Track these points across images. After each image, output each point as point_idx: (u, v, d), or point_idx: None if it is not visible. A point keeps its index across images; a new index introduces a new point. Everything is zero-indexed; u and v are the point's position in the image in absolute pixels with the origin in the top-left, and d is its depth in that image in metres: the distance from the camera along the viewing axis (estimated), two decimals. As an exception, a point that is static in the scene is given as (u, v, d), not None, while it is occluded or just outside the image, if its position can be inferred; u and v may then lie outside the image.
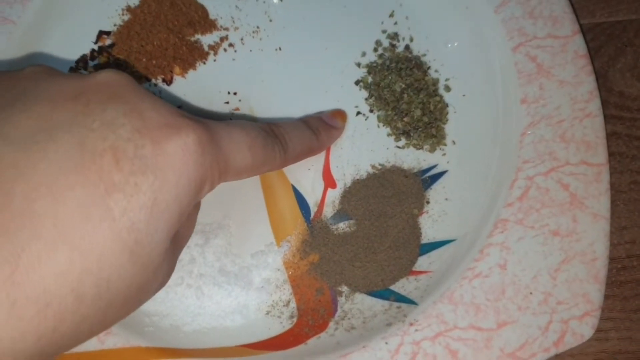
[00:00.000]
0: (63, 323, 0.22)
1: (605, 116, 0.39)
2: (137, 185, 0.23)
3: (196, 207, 0.31)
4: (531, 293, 0.34)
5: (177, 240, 0.27)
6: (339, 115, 0.39)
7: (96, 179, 0.22)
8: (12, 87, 0.24)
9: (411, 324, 0.34)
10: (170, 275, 0.27)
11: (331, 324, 0.36)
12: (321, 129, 0.37)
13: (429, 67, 0.41)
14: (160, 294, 0.35)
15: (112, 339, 0.32)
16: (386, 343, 0.33)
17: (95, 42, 0.41)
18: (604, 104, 0.41)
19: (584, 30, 0.42)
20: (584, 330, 0.34)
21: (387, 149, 0.40)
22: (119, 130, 0.23)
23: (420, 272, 0.37)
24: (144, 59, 0.40)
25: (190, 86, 0.40)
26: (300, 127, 0.35)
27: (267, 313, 0.36)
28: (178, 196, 0.24)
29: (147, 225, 0.23)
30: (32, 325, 0.21)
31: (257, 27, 0.42)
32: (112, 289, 0.23)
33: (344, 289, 0.37)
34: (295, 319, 0.36)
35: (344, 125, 0.39)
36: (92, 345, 0.32)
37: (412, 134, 0.39)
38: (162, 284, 0.27)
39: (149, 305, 0.35)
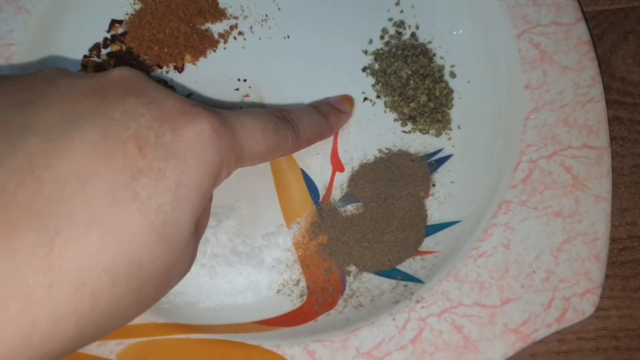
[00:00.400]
0: (100, 303, 0.23)
1: (607, 101, 0.40)
2: (161, 170, 0.24)
3: (210, 198, 0.32)
4: (534, 271, 0.35)
5: (197, 227, 0.28)
6: (347, 100, 0.40)
7: (122, 165, 0.23)
8: (30, 88, 0.25)
9: (417, 301, 0.35)
10: (193, 261, 0.28)
11: (340, 302, 0.37)
12: (331, 113, 0.38)
13: (434, 54, 0.42)
14: (175, 273, 0.36)
15: (129, 315, 0.34)
16: (393, 319, 0.34)
17: (108, 31, 0.42)
18: (607, 89, 0.42)
19: (587, 18, 0.42)
20: (585, 307, 0.35)
21: (394, 133, 0.41)
22: (140, 120, 0.24)
23: (426, 252, 0.38)
24: (156, 47, 0.41)
25: (201, 73, 0.41)
26: (310, 112, 0.36)
27: (278, 291, 0.37)
28: (200, 180, 0.25)
29: (172, 208, 0.24)
30: (70, 306, 0.22)
31: (266, 16, 0.43)
32: (143, 269, 0.24)
33: (352, 268, 0.38)
34: (305, 297, 0.37)
35: (352, 109, 0.40)
36: (110, 321, 0.33)
37: (418, 119, 0.40)
38: (187, 269, 0.28)
39: (164, 284, 0.36)
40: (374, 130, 0.41)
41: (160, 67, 0.41)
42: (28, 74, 0.26)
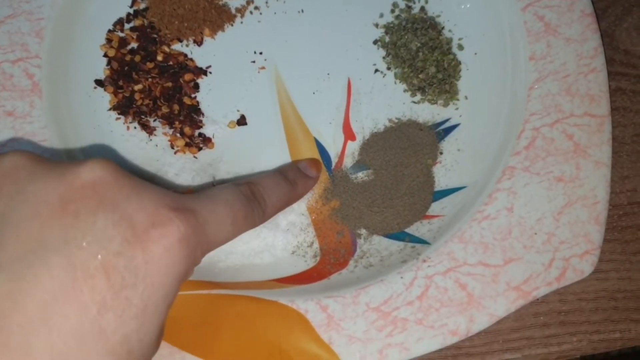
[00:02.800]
0: None
1: (610, 73, 0.42)
2: (128, 299, 0.23)
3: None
4: (535, 233, 0.37)
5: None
6: (314, 164, 0.40)
7: (89, 300, 0.22)
8: None
9: (424, 261, 0.37)
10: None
11: (351, 262, 0.39)
12: (298, 180, 0.37)
13: (442, 28, 0.44)
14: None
15: (155, 272, 0.36)
16: (401, 277, 0.36)
17: (131, 6, 0.44)
18: (610, 62, 0.43)
19: (592, -9, 0.44)
20: (584, 267, 0.37)
21: (404, 104, 0.42)
22: (110, 245, 0.23)
23: (433, 216, 0.40)
24: (176, 22, 0.43)
25: (219, 47, 0.43)
26: (279, 183, 0.35)
27: (293, 253, 0.40)
28: (166, 294, 0.25)
29: (138, 333, 0.24)
30: None
31: (281, -9, 0.44)
32: None
33: (363, 231, 0.40)
34: (318, 258, 0.39)
35: (319, 174, 0.40)
36: (137, 276, 0.36)
37: (427, 90, 0.42)
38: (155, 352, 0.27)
39: (186, 245, 0.39)
40: (384, 101, 0.42)
41: (180, 41, 0.43)
42: None
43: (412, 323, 0.35)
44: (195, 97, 0.42)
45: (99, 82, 0.42)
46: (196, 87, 0.42)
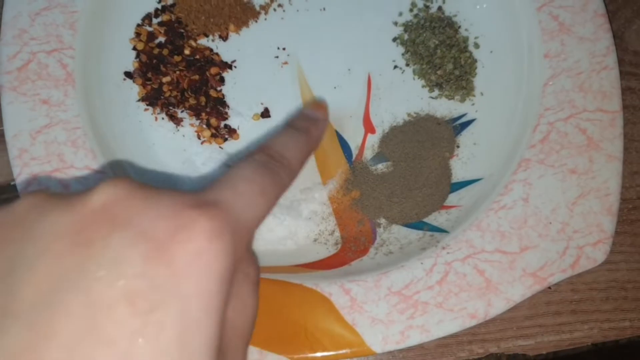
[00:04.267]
0: None
1: (620, 72, 0.43)
2: (160, 322, 0.20)
3: (247, 261, 0.27)
4: (550, 223, 0.39)
5: (229, 339, 0.25)
6: (318, 106, 0.38)
7: (116, 336, 0.20)
8: (8, 241, 0.23)
9: (443, 248, 0.38)
10: None
11: (371, 250, 0.40)
12: (311, 126, 0.35)
13: (459, 26, 0.46)
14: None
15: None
16: (421, 263, 0.38)
17: (159, 2, 0.45)
18: (620, 62, 0.45)
19: (603, -7, 0.45)
20: (597, 255, 0.38)
21: (422, 99, 0.44)
22: (128, 268, 0.21)
23: (451, 207, 0.41)
24: (203, 17, 0.44)
25: (244, 42, 0.45)
26: (292, 135, 0.33)
27: (315, 240, 0.41)
28: (211, 300, 0.21)
29: (182, 353, 0.20)
30: None
31: (304, -11, 0.46)
32: None
33: (382, 221, 0.41)
34: (339, 246, 0.41)
35: (327, 115, 0.38)
36: (167, 259, 0.37)
37: (444, 86, 0.44)
38: None
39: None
40: (403, 96, 0.44)
41: (206, 36, 0.45)
42: (5, 211, 0.23)
43: (433, 306, 0.36)
44: (220, 90, 0.44)
45: (128, 74, 0.43)
46: (222, 80, 0.44)
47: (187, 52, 0.43)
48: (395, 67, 0.45)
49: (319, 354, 0.35)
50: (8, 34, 0.40)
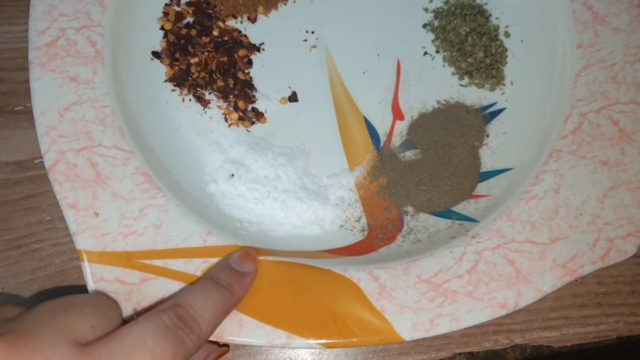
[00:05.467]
0: None
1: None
2: None
3: None
4: (581, 214, 0.38)
5: None
6: (248, 256, 0.36)
7: None
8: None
9: (473, 237, 0.38)
10: None
11: (399, 237, 0.40)
12: (233, 281, 0.34)
13: (490, 15, 0.45)
14: (249, 204, 0.40)
15: (213, 238, 0.37)
16: (451, 252, 0.38)
17: (187, -18, 0.45)
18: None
19: (636, -16, 0.45)
20: (627, 248, 0.38)
21: (451, 86, 0.44)
22: None
23: (480, 196, 0.41)
24: (232, -2, 0.44)
25: (272, 24, 0.44)
26: (210, 293, 0.32)
27: (341, 226, 0.41)
28: None
29: None
30: None
31: (333, -27, 0.45)
32: None
33: (410, 209, 0.41)
34: (366, 233, 0.40)
35: (256, 265, 0.36)
36: (196, 242, 0.37)
37: (474, 74, 0.43)
38: None
39: (240, 214, 0.40)
40: (432, 83, 0.44)
41: (235, 17, 0.44)
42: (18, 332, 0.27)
43: (462, 295, 0.36)
44: (248, 73, 0.43)
45: (155, 54, 0.43)
46: (250, 63, 0.43)
47: (215, 33, 0.43)
48: (425, 53, 0.44)
49: (348, 340, 0.35)
50: (37, 10, 0.39)
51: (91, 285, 0.35)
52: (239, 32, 0.44)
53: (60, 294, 0.37)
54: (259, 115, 0.42)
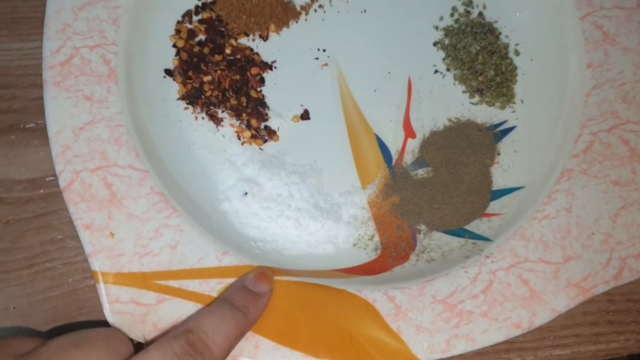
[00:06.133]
0: None
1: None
2: None
3: None
4: (593, 233, 0.39)
5: None
6: (263, 276, 0.36)
7: None
8: None
9: (487, 257, 0.38)
10: None
11: (412, 256, 0.40)
12: (248, 303, 0.33)
13: (500, 33, 0.45)
14: (263, 223, 0.40)
15: (229, 258, 0.37)
16: (466, 272, 0.38)
17: (199, -1, 0.45)
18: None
19: (645, 4, 0.45)
20: (639, 267, 0.38)
21: (462, 104, 0.44)
22: None
23: (493, 215, 0.41)
24: (244, 16, 0.44)
25: (284, 42, 0.45)
26: (224, 316, 0.32)
27: (354, 245, 0.41)
28: None
29: None
30: None
31: (344, -10, 0.46)
32: None
33: (422, 227, 0.41)
34: (379, 251, 0.40)
35: (271, 286, 0.36)
36: (212, 262, 0.37)
37: (485, 92, 0.44)
38: None
39: (254, 232, 0.40)
40: (443, 101, 0.44)
41: (247, 35, 0.44)
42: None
43: (478, 315, 0.36)
44: (261, 91, 0.43)
45: (168, 72, 0.43)
46: (262, 81, 0.43)
47: (227, 51, 0.43)
48: (436, 71, 0.45)
49: (365, 361, 0.35)
50: (52, 28, 0.39)
51: (107, 307, 0.35)
52: (251, 50, 0.44)
53: (74, 317, 0.37)
54: (271, 133, 0.42)
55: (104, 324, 0.35)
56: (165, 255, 0.36)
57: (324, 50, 0.44)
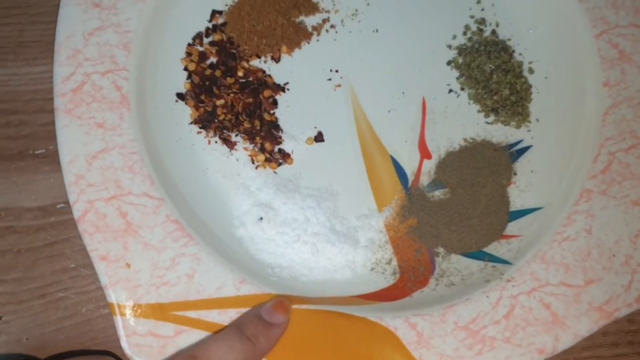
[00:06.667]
0: None
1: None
2: None
3: None
4: (614, 255, 0.38)
5: None
6: (281, 306, 0.35)
7: None
8: None
9: (508, 281, 0.38)
10: None
11: (431, 280, 0.40)
12: (260, 332, 0.32)
13: (513, 51, 0.45)
14: (279, 249, 0.39)
15: (247, 287, 0.36)
16: (487, 297, 0.37)
17: (210, 21, 0.44)
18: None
19: (658, 20, 0.45)
20: (661, 289, 0.38)
21: (477, 124, 0.43)
22: None
23: (511, 236, 0.40)
24: (255, 38, 0.43)
25: (296, 64, 0.44)
26: (232, 345, 0.31)
27: (372, 269, 0.40)
28: None
29: None
30: None
31: (356, 10, 0.45)
32: None
33: (441, 250, 0.41)
34: (397, 276, 0.40)
35: (288, 316, 0.34)
36: (230, 291, 0.36)
37: (500, 111, 0.43)
38: None
39: (271, 259, 0.39)
40: (458, 121, 0.43)
41: (259, 57, 0.44)
42: None
43: (500, 341, 0.36)
44: (274, 114, 0.43)
45: (180, 96, 0.42)
46: (275, 103, 0.43)
47: (240, 73, 0.42)
48: (450, 91, 0.44)
49: (388, 391, 0.35)
50: (62, 55, 0.38)
51: (124, 340, 0.34)
52: (264, 72, 0.43)
53: (87, 347, 0.36)
54: (285, 157, 0.42)
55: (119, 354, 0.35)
56: (182, 285, 0.36)
57: (337, 71, 0.44)
